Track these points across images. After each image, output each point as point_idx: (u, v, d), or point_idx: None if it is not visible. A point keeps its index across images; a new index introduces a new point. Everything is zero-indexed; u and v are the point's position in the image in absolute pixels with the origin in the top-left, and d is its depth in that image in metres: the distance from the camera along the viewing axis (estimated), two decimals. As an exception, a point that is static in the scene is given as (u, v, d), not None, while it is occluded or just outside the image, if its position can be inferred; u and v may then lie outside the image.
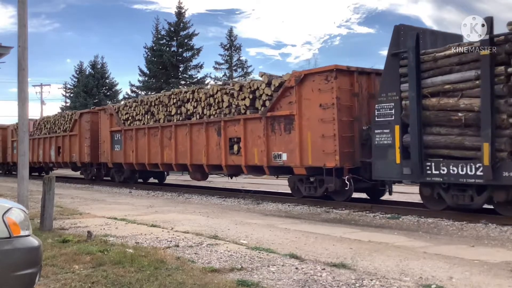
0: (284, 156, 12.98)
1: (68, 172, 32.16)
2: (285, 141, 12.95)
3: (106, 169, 22.16)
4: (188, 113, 16.57)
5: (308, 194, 12.75)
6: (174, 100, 17.25)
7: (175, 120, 17.13)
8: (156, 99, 18.32)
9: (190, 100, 16.51)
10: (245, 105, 14.19)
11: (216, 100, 15.34)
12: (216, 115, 15.30)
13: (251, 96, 14.01)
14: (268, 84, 13.53)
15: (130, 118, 19.77)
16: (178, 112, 17.10)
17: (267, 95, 13.53)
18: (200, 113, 15.95)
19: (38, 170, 31.83)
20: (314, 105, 12.09)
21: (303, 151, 12.39)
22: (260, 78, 13.90)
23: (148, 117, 18.61)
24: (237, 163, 14.54)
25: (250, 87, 14.07)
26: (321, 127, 11.92)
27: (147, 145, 18.44)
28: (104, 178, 23.48)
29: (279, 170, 13.78)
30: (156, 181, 22.21)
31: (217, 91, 15.30)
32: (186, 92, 16.84)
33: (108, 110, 21.32)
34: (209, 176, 17.27)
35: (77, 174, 29.55)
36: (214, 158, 15.38)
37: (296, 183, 13.13)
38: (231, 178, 17.67)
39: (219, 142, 15.13)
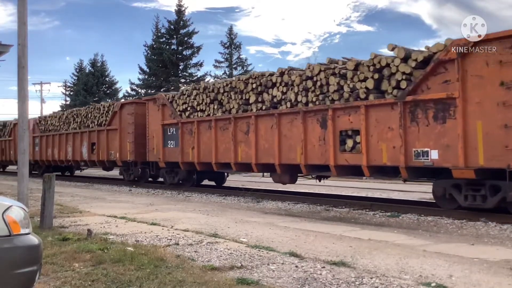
0: (434, 154, 9.73)
1: (100, 172, 29.06)
2: (436, 133, 9.71)
3: (154, 169, 18.92)
4: (275, 100, 13.35)
5: (471, 204, 9.48)
6: (254, 85, 14.02)
7: (254, 110, 13.91)
8: (227, 85, 15.08)
9: (277, 85, 13.30)
10: (366, 87, 10.95)
11: (318, 84, 12.12)
12: (318, 102, 12.09)
13: (376, 76, 10.79)
14: (405, 60, 10.30)
15: (189, 108, 16.53)
16: (259, 99, 13.88)
17: (403, 73, 10.28)
18: (293, 100, 12.73)
19: (64, 169, 28.57)
20: (491, 84, 8.85)
21: (469, 147, 9.14)
22: (392, 53, 10.63)
23: (215, 107, 15.39)
24: (353, 163, 11.29)
25: (373, 65, 10.82)
26: (502, 114, 8.68)
27: (214, 140, 15.23)
28: (149, 180, 20.30)
29: (423, 172, 10.49)
30: (213, 183, 19.03)
31: (320, 71, 12.06)
32: (271, 75, 13.58)
33: (159, 100, 18.02)
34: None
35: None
36: (315, 156, 12.14)
37: (449, 190, 9.86)
38: (319, 181, 14.48)
39: (323, 137, 11.89)
